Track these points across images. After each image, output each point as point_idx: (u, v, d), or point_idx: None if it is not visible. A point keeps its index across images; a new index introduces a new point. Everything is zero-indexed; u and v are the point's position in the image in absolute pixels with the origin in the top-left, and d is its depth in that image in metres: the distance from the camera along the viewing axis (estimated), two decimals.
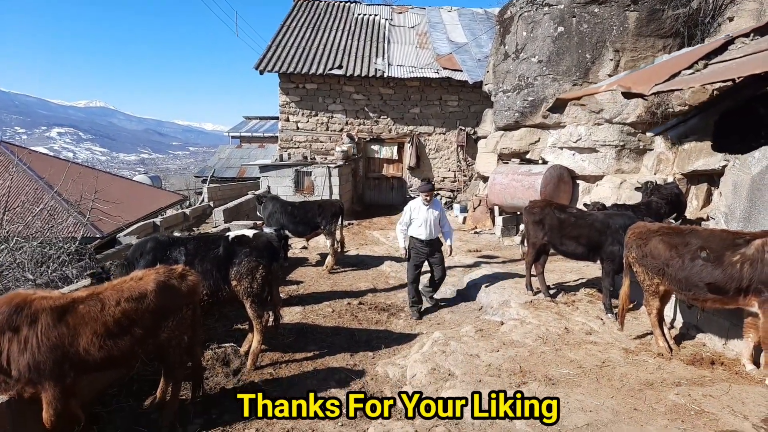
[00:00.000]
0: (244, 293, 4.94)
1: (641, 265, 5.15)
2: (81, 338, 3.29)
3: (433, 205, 6.74)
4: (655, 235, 5.03)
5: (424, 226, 6.66)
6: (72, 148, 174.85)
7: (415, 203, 6.78)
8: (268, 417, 4.14)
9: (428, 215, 6.66)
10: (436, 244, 6.82)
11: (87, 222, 12.92)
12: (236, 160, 25.44)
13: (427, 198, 6.63)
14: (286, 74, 15.36)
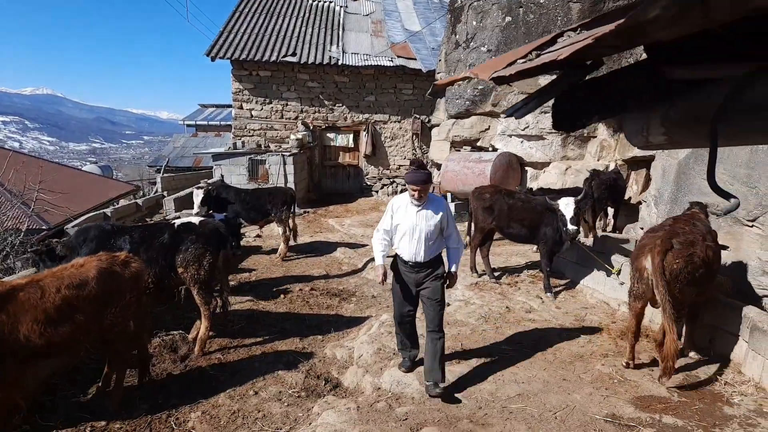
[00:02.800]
0: (191, 280, 4.98)
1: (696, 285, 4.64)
2: (21, 326, 3.30)
3: (430, 206, 4.18)
4: None
5: (409, 237, 4.15)
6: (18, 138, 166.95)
7: (399, 200, 4.31)
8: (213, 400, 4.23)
9: (418, 221, 4.13)
10: (432, 268, 4.24)
11: (32, 213, 12.57)
12: (191, 149, 24.96)
13: (417, 193, 4.08)
14: (239, 61, 15.16)
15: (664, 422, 3.69)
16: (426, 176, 4.08)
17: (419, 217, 4.14)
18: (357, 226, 11.67)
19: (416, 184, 4.05)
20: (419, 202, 4.12)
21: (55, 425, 3.90)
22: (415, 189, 4.06)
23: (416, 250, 4.17)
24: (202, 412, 4.09)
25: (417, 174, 4.06)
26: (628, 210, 9.35)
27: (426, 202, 4.16)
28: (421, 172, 4.08)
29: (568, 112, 1.02)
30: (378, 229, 4.39)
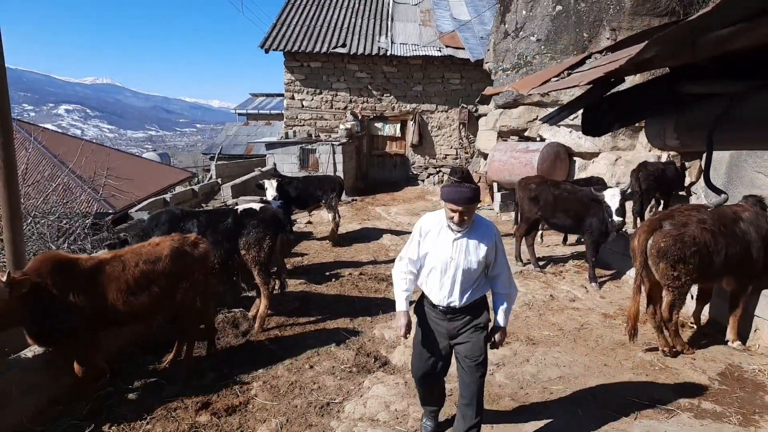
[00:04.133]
0: (252, 262, 5.38)
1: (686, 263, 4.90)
2: (108, 294, 3.74)
3: (474, 233, 3.09)
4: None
5: (440, 274, 3.10)
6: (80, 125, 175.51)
7: (430, 221, 3.18)
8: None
9: (455, 254, 3.06)
10: (471, 316, 3.19)
11: (100, 198, 13.45)
12: (243, 137, 25.78)
13: (457, 215, 2.97)
14: (291, 53, 15.61)
15: (703, 407, 3.81)
16: (473, 193, 2.89)
17: (456, 249, 3.01)
18: (403, 215, 11.94)
19: (458, 204, 2.87)
20: (460, 228, 2.98)
21: (135, 388, 4.37)
22: (455, 210, 2.90)
23: (448, 292, 3.07)
24: (263, 381, 4.47)
25: (460, 190, 2.89)
26: (681, 201, 9.23)
27: (469, 229, 3.03)
28: (466, 187, 2.92)
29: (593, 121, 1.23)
30: (401, 257, 3.23)
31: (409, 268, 3.19)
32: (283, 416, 3.91)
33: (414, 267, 3.19)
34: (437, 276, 3.10)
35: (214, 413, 3.95)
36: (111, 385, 4.36)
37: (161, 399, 4.13)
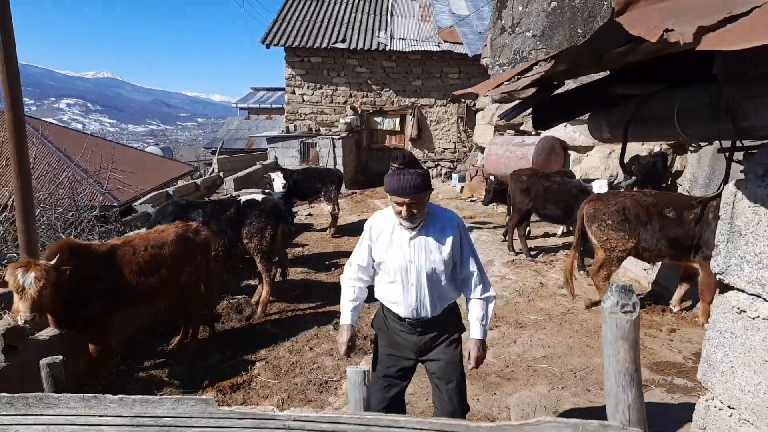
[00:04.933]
0: (255, 250, 5.65)
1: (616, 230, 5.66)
2: (122, 276, 4.02)
3: (432, 228, 2.60)
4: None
5: (403, 283, 2.59)
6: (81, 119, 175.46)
7: (380, 221, 2.70)
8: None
9: (414, 255, 2.57)
10: (444, 327, 2.70)
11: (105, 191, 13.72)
12: (244, 131, 26.00)
13: (404, 208, 2.46)
14: (292, 48, 15.84)
15: (675, 383, 4.08)
16: (420, 179, 2.39)
17: (414, 249, 2.53)
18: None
19: (403, 194, 2.38)
20: (411, 223, 2.49)
21: (145, 367, 4.66)
22: (401, 202, 2.41)
23: (416, 302, 2.57)
24: (265, 361, 4.75)
25: (403, 177, 2.39)
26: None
27: (424, 223, 2.54)
28: (411, 173, 2.39)
29: (540, 117, 1.49)
30: (350, 262, 2.78)
31: (358, 275, 2.73)
32: (285, 392, 4.19)
33: (365, 274, 2.73)
34: (399, 285, 2.57)
35: (219, 390, 4.23)
36: (122, 365, 4.64)
37: (169, 378, 4.42)
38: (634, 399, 0.74)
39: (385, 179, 2.50)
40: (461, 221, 2.68)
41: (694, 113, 1.07)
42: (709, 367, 1.16)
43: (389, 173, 2.49)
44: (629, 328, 0.73)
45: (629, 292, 0.75)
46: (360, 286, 2.76)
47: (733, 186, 1.06)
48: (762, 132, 1.01)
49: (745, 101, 0.97)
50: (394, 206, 2.50)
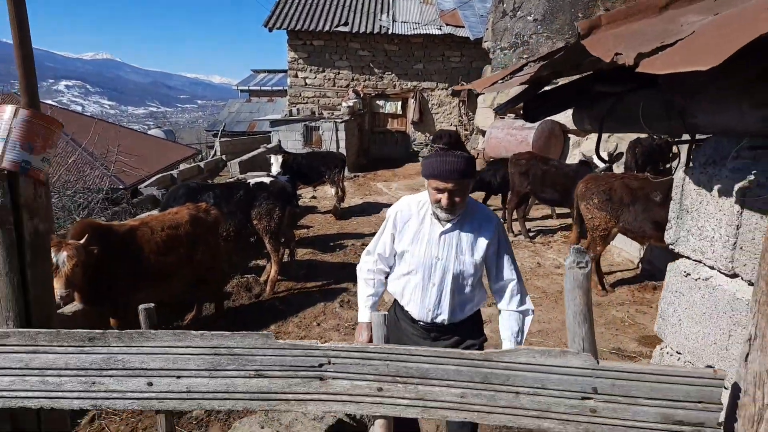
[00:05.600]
0: (264, 231, 5.89)
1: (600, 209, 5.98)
2: (143, 254, 4.27)
3: (469, 223, 2.29)
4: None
5: (422, 280, 2.31)
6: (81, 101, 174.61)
7: (408, 208, 2.39)
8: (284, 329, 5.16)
9: (442, 252, 2.27)
10: (461, 337, 2.41)
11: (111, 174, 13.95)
12: (246, 114, 26.08)
13: (446, 196, 2.15)
14: (294, 31, 15.92)
15: None
16: (465, 164, 2.12)
17: (445, 245, 2.26)
18: (403, 190, 12.42)
19: (446, 179, 2.11)
20: (450, 214, 2.19)
21: None
22: (443, 188, 2.13)
23: (434, 305, 2.31)
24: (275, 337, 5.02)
25: (447, 159, 2.11)
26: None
27: (461, 216, 2.26)
28: (456, 155, 2.13)
29: (529, 112, 1.71)
30: (368, 251, 2.52)
31: (379, 266, 2.46)
32: None
33: (385, 265, 2.46)
34: (419, 282, 2.29)
35: None
36: None
37: None
38: (586, 333, 0.98)
39: (423, 162, 2.26)
40: (500, 222, 2.37)
41: (654, 111, 1.30)
42: (663, 321, 1.41)
43: (430, 155, 2.28)
44: (583, 279, 0.96)
45: (583, 252, 0.96)
46: (380, 279, 2.49)
47: (681, 172, 1.29)
48: (705, 128, 1.23)
49: (689, 103, 1.20)
50: (432, 193, 2.19)
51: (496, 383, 1.02)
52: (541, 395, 1.01)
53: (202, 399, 1.06)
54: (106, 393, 1.05)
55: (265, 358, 1.03)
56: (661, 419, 0.97)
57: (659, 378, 0.97)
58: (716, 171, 1.20)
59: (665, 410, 0.96)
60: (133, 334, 0.99)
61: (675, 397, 0.95)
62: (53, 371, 1.03)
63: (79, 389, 1.05)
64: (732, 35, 0.73)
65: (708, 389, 0.94)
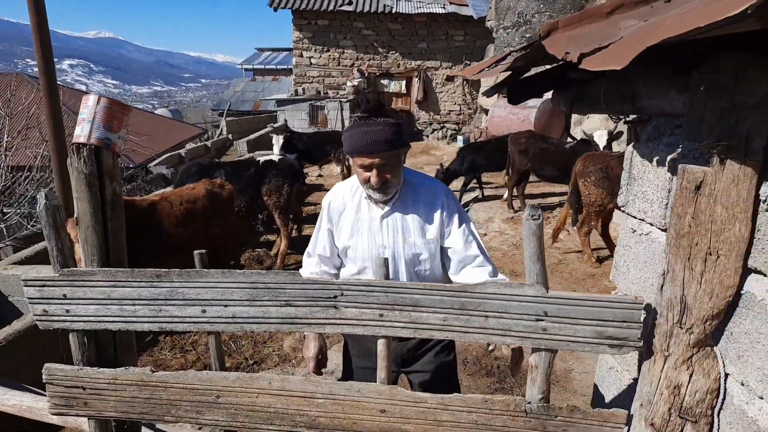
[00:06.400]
0: (273, 206, 6.19)
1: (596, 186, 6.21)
2: (163, 227, 4.58)
3: (411, 200, 1.98)
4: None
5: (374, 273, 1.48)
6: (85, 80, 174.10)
7: (340, 195, 2.07)
8: None
9: (388, 237, 1.96)
10: (428, 356, 2.10)
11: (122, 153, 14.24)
12: (251, 93, 26.18)
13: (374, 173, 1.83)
14: (299, 11, 16.00)
15: None
16: (391, 132, 1.81)
17: (389, 230, 1.96)
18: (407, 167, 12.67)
19: (370, 152, 1.80)
20: (383, 195, 1.90)
21: None
22: (368, 163, 1.82)
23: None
24: None
25: (368, 129, 1.79)
26: None
27: (399, 195, 1.97)
28: (378, 123, 1.80)
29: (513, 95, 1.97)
30: (308, 252, 2.21)
31: (323, 268, 2.13)
32: None
33: (329, 266, 2.14)
34: (370, 278, 1.91)
35: None
36: None
37: None
38: (539, 270, 1.24)
39: (344, 137, 1.88)
40: (448, 190, 2.06)
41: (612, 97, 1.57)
42: (616, 270, 1.69)
43: (349, 127, 1.88)
44: (536, 228, 1.23)
45: (537, 207, 1.21)
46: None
47: (631, 147, 1.56)
48: (647, 110, 1.49)
49: (635, 90, 1.47)
50: (359, 173, 1.88)
51: (470, 309, 1.25)
52: (504, 318, 1.25)
53: (244, 323, 1.33)
54: (169, 318, 1.33)
55: (292, 291, 1.29)
56: (596, 335, 1.22)
57: (594, 303, 1.23)
58: (655, 146, 1.46)
59: (598, 328, 1.21)
60: (191, 272, 1.27)
61: (605, 318, 1.20)
62: (129, 301, 1.33)
63: (149, 315, 1.34)
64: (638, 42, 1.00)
65: (630, 312, 1.19)
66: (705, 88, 1.09)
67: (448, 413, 1.37)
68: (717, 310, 1.16)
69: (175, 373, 1.42)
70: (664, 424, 1.26)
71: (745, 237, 1.10)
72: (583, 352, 1.27)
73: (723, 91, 1.06)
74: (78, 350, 1.46)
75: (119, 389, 1.45)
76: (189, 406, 1.44)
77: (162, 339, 4.53)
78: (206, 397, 1.42)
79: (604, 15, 1.36)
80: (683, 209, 1.16)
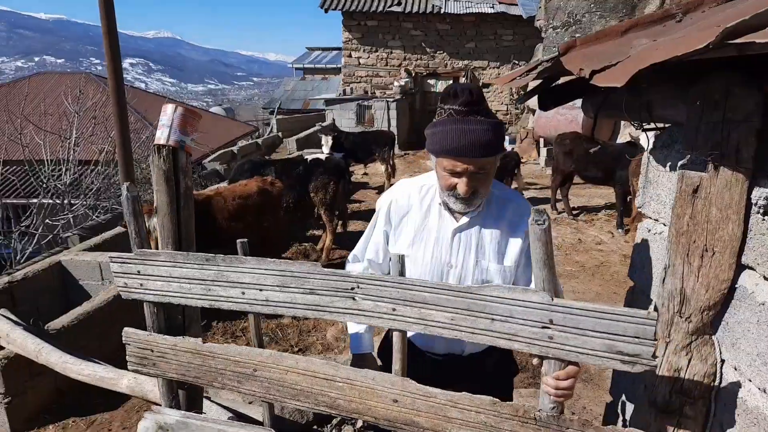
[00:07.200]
0: (320, 203, 6.45)
1: None
2: (217, 221, 4.90)
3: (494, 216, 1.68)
4: None
5: None
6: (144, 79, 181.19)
7: (406, 195, 1.78)
8: None
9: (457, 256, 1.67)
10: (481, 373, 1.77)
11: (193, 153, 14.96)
12: (300, 92, 26.76)
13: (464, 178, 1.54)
14: (349, 12, 16.32)
15: None
16: (492, 133, 1.53)
17: (460, 248, 1.68)
18: None
19: (464, 155, 1.52)
20: (467, 206, 1.62)
21: None
22: (462, 169, 1.54)
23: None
24: None
25: (466, 128, 1.51)
26: None
27: (483, 206, 1.67)
28: (478, 121, 1.52)
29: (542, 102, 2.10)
30: (355, 255, 2.01)
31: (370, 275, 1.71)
32: None
33: (379, 273, 1.85)
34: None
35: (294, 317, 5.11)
36: None
37: None
38: (546, 276, 1.21)
39: (431, 131, 1.61)
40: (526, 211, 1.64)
41: (632, 105, 1.70)
42: (633, 267, 1.79)
43: (440, 121, 1.58)
44: (541, 233, 1.19)
45: (542, 212, 1.19)
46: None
47: (647, 152, 1.68)
48: (662, 119, 1.62)
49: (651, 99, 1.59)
50: (443, 177, 1.60)
51: (476, 310, 1.28)
52: (510, 322, 1.26)
53: (275, 306, 1.48)
54: (216, 297, 1.53)
55: (315, 281, 1.42)
56: (606, 348, 1.18)
57: (602, 315, 1.19)
58: (668, 152, 1.58)
59: (608, 341, 1.18)
60: (232, 258, 1.47)
61: (616, 332, 1.17)
62: (185, 280, 1.54)
63: (201, 293, 1.54)
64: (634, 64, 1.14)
65: (642, 327, 1.14)
66: (700, 102, 1.22)
67: (457, 411, 1.37)
68: (713, 302, 1.28)
69: (221, 345, 1.62)
70: (665, 404, 1.39)
71: (737, 236, 1.22)
72: (595, 365, 1.23)
73: (715, 106, 1.18)
74: (149, 318, 1.72)
75: (179, 354, 1.67)
76: (232, 376, 1.62)
77: (214, 325, 4.86)
78: (245, 369, 1.59)
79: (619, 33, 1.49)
80: (682, 210, 1.29)
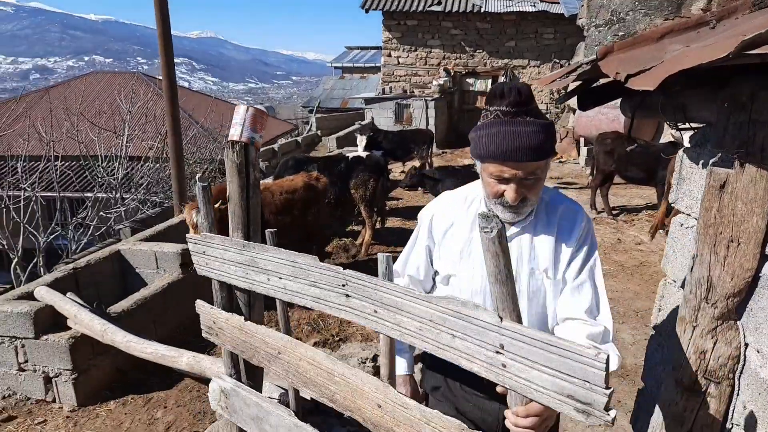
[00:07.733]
0: (360, 199, 6.64)
1: None
2: (265, 214, 5.13)
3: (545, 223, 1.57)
4: None
5: None
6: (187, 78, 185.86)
7: (448, 208, 1.69)
8: None
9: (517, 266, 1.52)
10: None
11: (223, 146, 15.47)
12: (339, 91, 27.10)
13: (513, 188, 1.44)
14: (389, 12, 16.48)
15: None
16: (543, 135, 1.43)
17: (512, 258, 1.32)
18: None
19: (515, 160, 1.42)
20: (516, 215, 1.53)
21: None
22: (511, 174, 1.45)
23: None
24: None
25: (517, 130, 1.42)
26: None
27: (533, 213, 1.58)
28: (527, 122, 1.43)
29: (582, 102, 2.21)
30: (396, 270, 1.84)
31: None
32: None
33: (422, 290, 1.76)
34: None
35: None
36: None
37: None
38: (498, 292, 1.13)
39: (476, 134, 1.55)
40: (588, 219, 1.66)
41: (667, 106, 1.80)
42: (666, 259, 1.89)
43: (486, 123, 1.52)
44: (489, 243, 1.05)
45: (491, 219, 1.01)
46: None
47: (681, 151, 1.78)
48: (696, 120, 1.71)
49: (685, 101, 1.69)
50: (489, 183, 1.50)
51: (438, 323, 1.19)
52: (467, 341, 1.13)
53: (292, 294, 1.58)
54: (252, 281, 1.69)
55: (315, 274, 1.49)
56: (557, 389, 0.98)
57: (550, 348, 0.98)
58: (701, 150, 1.67)
59: (558, 381, 0.98)
60: (262, 246, 1.63)
61: (566, 371, 0.96)
62: (231, 263, 1.72)
63: (242, 276, 1.71)
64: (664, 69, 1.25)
65: (591, 370, 0.91)
66: (728, 105, 1.32)
67: (429, 428, 1.25)
68: (737, 289, 1.38)
69: (256, 326, 1.76)
70: (691, 384, 1.50)
71: (762, 228, 1.32)
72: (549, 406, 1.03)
73: (742, 108, 1.28)
74: (214, 294, 1.93)
75: (231, 329, 1.85)
76: (264, 354, 1.74)
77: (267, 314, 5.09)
78: (272, 350, 1.70)
79: (654, 39, 1.60)
80: (710, 204, 1.39)
